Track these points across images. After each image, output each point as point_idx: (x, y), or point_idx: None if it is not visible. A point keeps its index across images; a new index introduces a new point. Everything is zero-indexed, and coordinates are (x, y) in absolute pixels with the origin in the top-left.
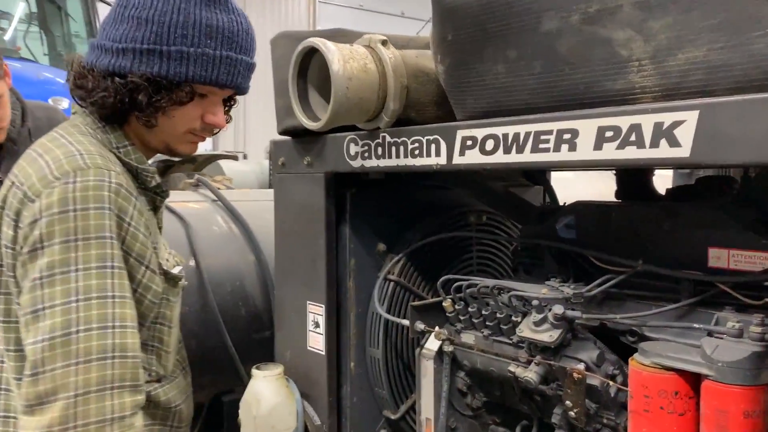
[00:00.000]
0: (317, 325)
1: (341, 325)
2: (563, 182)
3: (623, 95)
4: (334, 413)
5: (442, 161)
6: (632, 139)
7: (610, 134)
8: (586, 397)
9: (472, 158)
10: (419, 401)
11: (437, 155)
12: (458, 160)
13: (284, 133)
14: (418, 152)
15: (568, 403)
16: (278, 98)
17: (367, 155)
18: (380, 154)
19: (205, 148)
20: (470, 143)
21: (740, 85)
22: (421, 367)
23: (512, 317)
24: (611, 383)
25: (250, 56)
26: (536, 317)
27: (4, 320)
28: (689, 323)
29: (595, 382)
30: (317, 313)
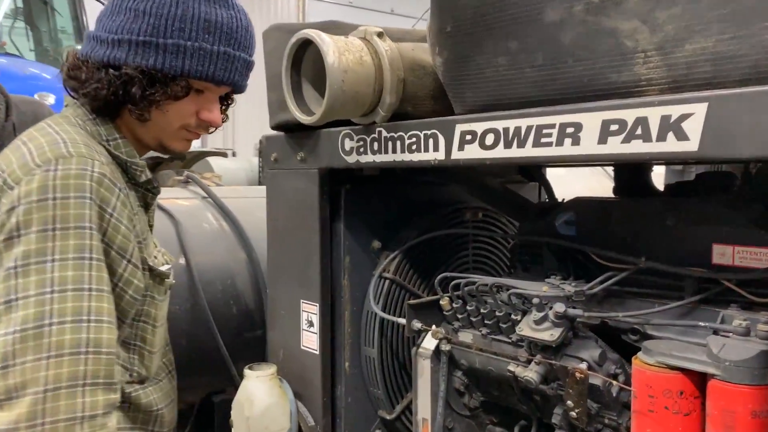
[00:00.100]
0: (311, 324)
1: (335, 323)
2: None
3: (628, 87)
4: (328, 414)
5: (440, 156)
6: (638, 132)
7: (615, 128)
8: (588, 396)
9: (471, 153)
10: (416, 401)
11: (435, 150)
12: (457, 155)
13: (277, 128)
14: (415, 147)
15: (569, 403)
16: (271, 92)
17: (362, 150)
18: (376, 149)
19: (193, 145)
20: (470, 138)
21: (750, 76)
22: (417, 366)
23: (512, 315)
24: (614, 383)
25: (248, 54)
26: (537, 315)
27: None
28: (694, 321)
29: (597, 381)
30: (311, 311)
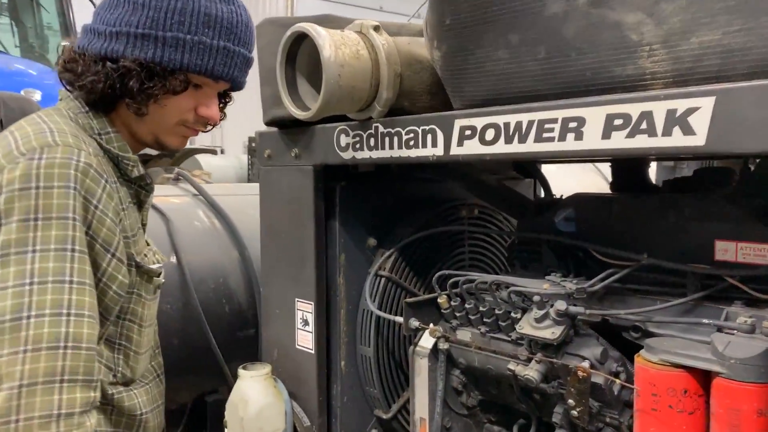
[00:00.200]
0: (306, 322)
1: (331, 322)
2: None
3: (633, 81)
4: (324, 413)
5: (438, 152)
6: (643, 127)
7: (619, 122)
8: (589, 395)
9: (471, 149)
10: (413, 400)
11: (434, 146)
12: (456, 150)
13: (270, 123)
14: (413, 143)
15: (570, 401)
16: (264, 87)
17: (358, 146)
18: (372, 145)
19: None
20: (469, 133)
21: (757, 69)
22: (415, 365)
23: (511, 313)
24: (616, 381)
25: (248, 50)
26: (537, 313)
27: None
28: (697, 318)
29: (598, 379)
30: (306, 310)
